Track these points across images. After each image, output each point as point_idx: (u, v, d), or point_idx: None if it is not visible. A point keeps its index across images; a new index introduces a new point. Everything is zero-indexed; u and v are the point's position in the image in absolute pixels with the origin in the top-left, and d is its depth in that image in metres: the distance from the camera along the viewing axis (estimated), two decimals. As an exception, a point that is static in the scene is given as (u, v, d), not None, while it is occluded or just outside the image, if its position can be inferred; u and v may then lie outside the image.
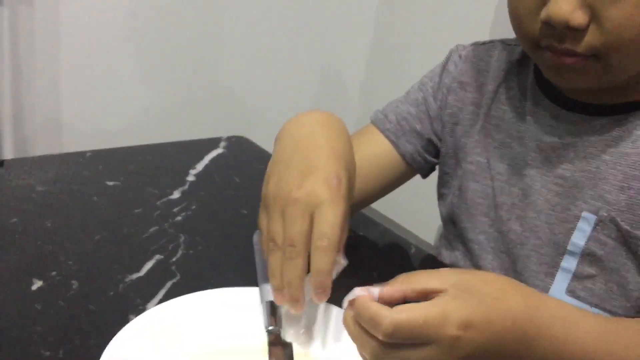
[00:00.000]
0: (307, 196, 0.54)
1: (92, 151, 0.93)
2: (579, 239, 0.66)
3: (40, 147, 1.80)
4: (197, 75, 1.99)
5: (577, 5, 0.56)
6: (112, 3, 1.75)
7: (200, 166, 0.94)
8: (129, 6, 1.78)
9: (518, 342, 0.47)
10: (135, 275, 0.65)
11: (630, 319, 0.56)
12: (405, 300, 0.47)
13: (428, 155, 0.82)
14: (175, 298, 0.60)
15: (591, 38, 0.58)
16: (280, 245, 0.54)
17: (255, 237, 0.70)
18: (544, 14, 0.58)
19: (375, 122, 0.82)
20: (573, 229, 0.67)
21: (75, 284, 0.63)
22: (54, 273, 0.64)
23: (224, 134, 1.06)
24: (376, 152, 0.80)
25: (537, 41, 0.62)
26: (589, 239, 0.66)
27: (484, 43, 0.81)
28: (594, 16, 0.57)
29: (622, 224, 0.64)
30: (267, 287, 0.59)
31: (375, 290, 0.48)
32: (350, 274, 0.69)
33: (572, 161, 0.68)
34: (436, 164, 0.83)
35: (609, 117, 0.66)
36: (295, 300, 0.54)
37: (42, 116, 1.79)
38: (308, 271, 0.54)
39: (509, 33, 0.79)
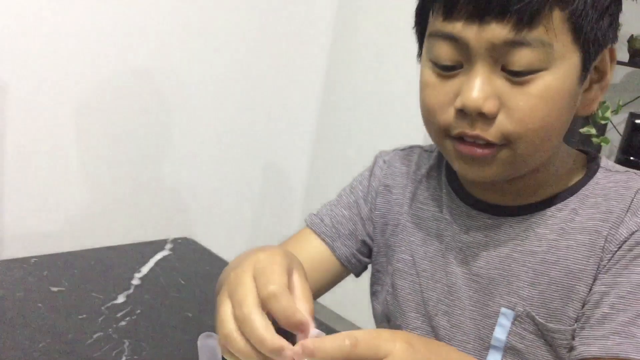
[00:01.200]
0: (248, 264, 0.55)
1: (37, 257, 0.95)
2: (500, 334, 0.71)
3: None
4: (140, 174, 2.01)
5: (488, 95, 0.63)
6: (53, 103, 1.78)
7: (145, 269, 0.96)
8: (71, 106, 1.81)
9: None
10: (79, 383, 0.67)
11: None
12: None
13: (362, 257, 0.86)
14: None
15: (500, 126, 0.64)
16: (232, 324, 0.52)
17: (200, 340, 0.72)
18: (458, 102, 0.64)
19: (311, 226, 0.87)
20: (494, 324, 0.72)
21: (18, 393, 0.64)
22: (-4, 383, 0.65)
23: (169, 233, 1.09)
24: (313, 255, 0.84)
25: (448, 130, 0.67)
26: (509, 333, 0.71)
27: (404, 148, 0.89)
28: (503, 106, 0.64)
29: (537, 317, 0.70)
30: (210, 390, 0.62)
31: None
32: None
33: (486, 260, 0.74)
34: (369, 263, 0.88)
35: (515, 218, 0.73)
36: (278, 350, 0.50)
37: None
38: None
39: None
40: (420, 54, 0.73)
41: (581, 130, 2.11)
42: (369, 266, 0.88)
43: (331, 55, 2.29)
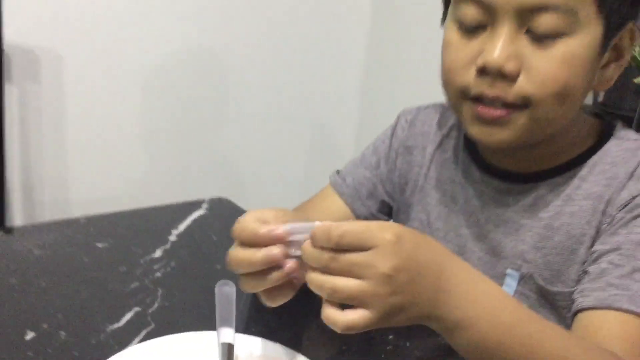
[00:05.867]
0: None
1: (86, 217, 1.04)
2: None
3: (49, 213, 1.92)
4: (195, 141, 2.11)
5: (510, 55, 0.64)
6: (114, 75, 1.89)
7: (182, 227, 1.04)
8: (130, 76, 1.92)
9: (436, 276, 0.52)
10: (115, 325, 0.75)
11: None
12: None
13: (383, 215, 0.90)
14: (140, 343, 0.69)
15: (520, 87, 0.65)
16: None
17: (217, 287, 0.79)
18: (480, 60, 0.66)
19: (333, 186, 0.92)
20: (501, 284, 0.75)
21: (63, 334, 0.73)
22: (44, 325, 0.74)
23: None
24: (333, 213, 0.90)
25: (467, 91, 0.69)
26: (515, 293, 0.74)
27: (427, 107, 0.91)
28: (524, 67, 0.65)
29: (538, 279, 0.72)
30: (224, 330, 0.68)
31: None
32: (314, 315, 0.78)
33: (496, 223, 0.76)
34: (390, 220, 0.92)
35: (525, 185, 0.75)
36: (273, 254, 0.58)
37: (49, 185, 1.90)
38: None
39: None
40: (444, 20, 0.75)
41: (635, 80, 2.03)
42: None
43: (375, 11, 2.29)
